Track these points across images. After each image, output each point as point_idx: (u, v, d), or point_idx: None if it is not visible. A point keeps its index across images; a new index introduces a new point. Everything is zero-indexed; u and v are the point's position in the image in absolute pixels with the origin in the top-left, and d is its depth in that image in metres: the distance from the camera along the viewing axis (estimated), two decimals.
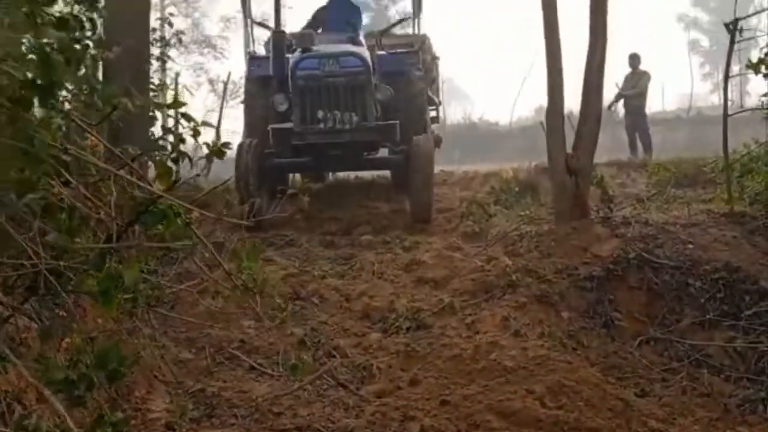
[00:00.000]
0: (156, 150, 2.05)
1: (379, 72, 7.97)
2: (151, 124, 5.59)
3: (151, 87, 7.23)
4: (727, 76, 6.72)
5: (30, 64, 1.83)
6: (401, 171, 7.86)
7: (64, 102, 2.44)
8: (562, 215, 6.19)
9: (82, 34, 1.98)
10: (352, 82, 7.47)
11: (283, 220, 6.92)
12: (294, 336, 4.62)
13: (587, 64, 6.29)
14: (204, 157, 2.24)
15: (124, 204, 2.07)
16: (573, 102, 6.79)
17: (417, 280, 5.63)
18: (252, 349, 4.46)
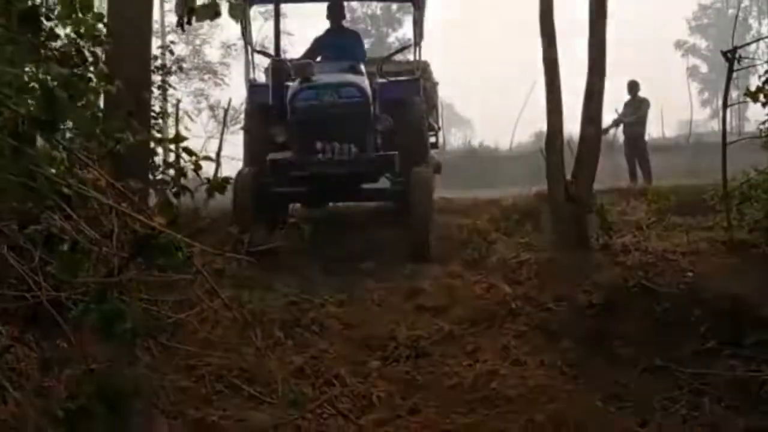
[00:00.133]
0: (158, 185, 2.07)
1: (380, 100, 7.95)
2: (153, 155, 5.58)
3: (152, 115, 7.24)
4: (725, 105, 6.74)
5: (33, 97, 1.84)
6: (400, 202, 7.85)
7: (65, 131, 2.46)
8: (562, 243, 6.20)
9: (85, 69, 2.00)
10: (351, 113, 7.38)
11: (283, 248, 6.91)
12: (294, 364, 4.61)
13: (587, 91, 6.34)
14: (204, 183, 2.25)
15: (124, 238, 2.08)
16: (573, 127, 6.82)
17: (417, 307, 5.62)
18: (251, 378, 4.44)
